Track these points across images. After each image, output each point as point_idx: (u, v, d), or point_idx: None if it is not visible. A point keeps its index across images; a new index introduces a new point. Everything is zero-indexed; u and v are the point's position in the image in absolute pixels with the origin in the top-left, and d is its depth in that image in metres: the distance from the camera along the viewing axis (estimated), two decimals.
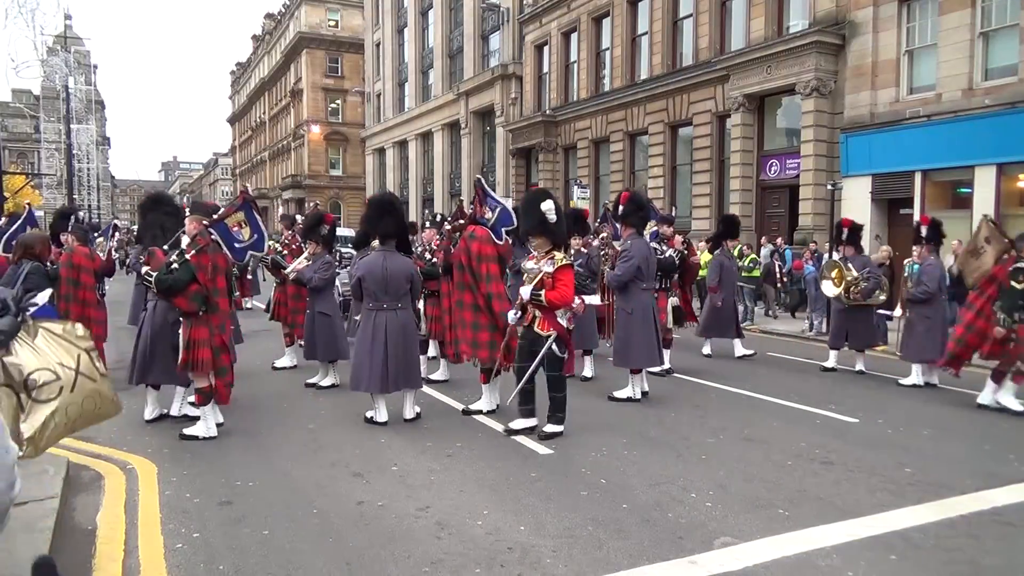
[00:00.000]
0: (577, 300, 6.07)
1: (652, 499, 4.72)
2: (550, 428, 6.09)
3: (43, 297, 3.91)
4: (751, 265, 14.93)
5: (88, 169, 57.63)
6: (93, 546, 3.98)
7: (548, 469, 5.33)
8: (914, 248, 8.82)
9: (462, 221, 7.35)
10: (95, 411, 3.29)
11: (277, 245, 10.44)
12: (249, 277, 13.77)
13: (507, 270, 7.19)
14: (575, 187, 24.71)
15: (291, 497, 4.73)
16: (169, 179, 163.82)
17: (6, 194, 18.79)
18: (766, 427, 6.61)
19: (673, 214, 10.55)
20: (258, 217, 6.36)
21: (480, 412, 6.91)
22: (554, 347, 5.95)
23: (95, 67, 68.17)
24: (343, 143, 55.72)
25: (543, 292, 5.85)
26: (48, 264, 6.59)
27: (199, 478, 5.07)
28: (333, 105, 55.60)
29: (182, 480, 5.03)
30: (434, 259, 8.46)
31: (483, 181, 7.14)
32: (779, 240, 17.28)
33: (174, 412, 6.71)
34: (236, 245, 6.12)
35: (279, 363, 9.36)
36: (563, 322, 5.99)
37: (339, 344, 8.11)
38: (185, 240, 6.10)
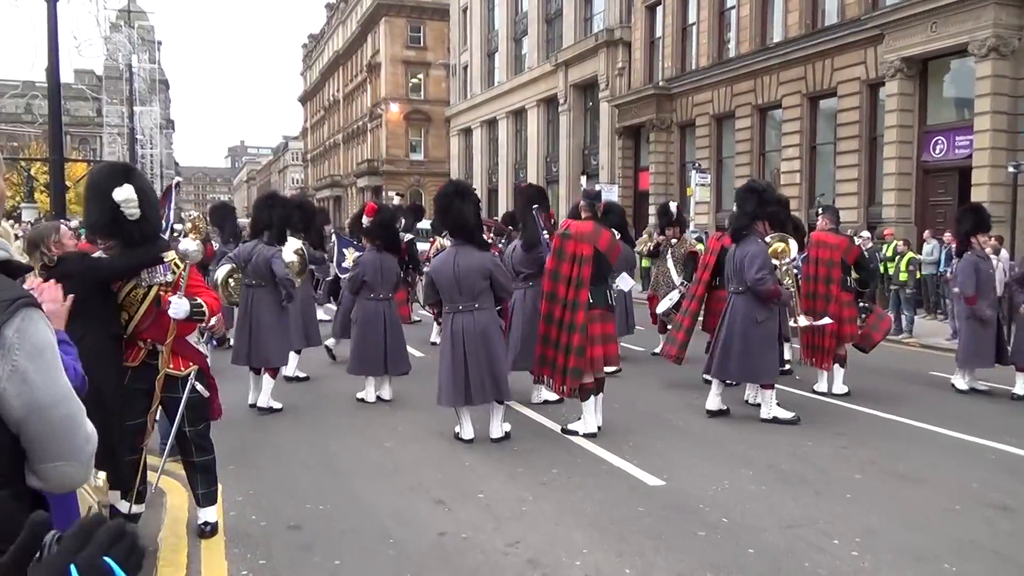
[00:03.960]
0: (215, 319, 4.67)
1: (784, 544, 4.61)
2: (209, 515, 4.71)
3: None
4: (911, 267, 14.30)
5: (151, 155, 61.16)
6: (155, 568, 4.23)
7: (659, 503, 5.29)
8: None
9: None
10: None
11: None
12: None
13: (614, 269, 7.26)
14: (693, 171, 24.33)
15: (365, 524, 4.87)
16: (236, 166, 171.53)
17: (68, 183, 20.18)
18: (926, 462, 6.34)
19: (833, 204, 10.16)
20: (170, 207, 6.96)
21: (576, 433, 6.93)
22: (199, 388, 4.54)
23: (159, 44, 72.35)
24: (425, 123, 56.86)
25: (201, 301, 4.37)
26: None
27: (266, 499, 5.29)
28: (414, 80, 56.81)
29: (248, 500, 5.27)
30: None
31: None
32: (947, 235, 16.44)
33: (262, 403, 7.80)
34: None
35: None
36: (203, 348, 4.63)
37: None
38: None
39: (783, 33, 22.56)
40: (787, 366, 9.63)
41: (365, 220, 8.70)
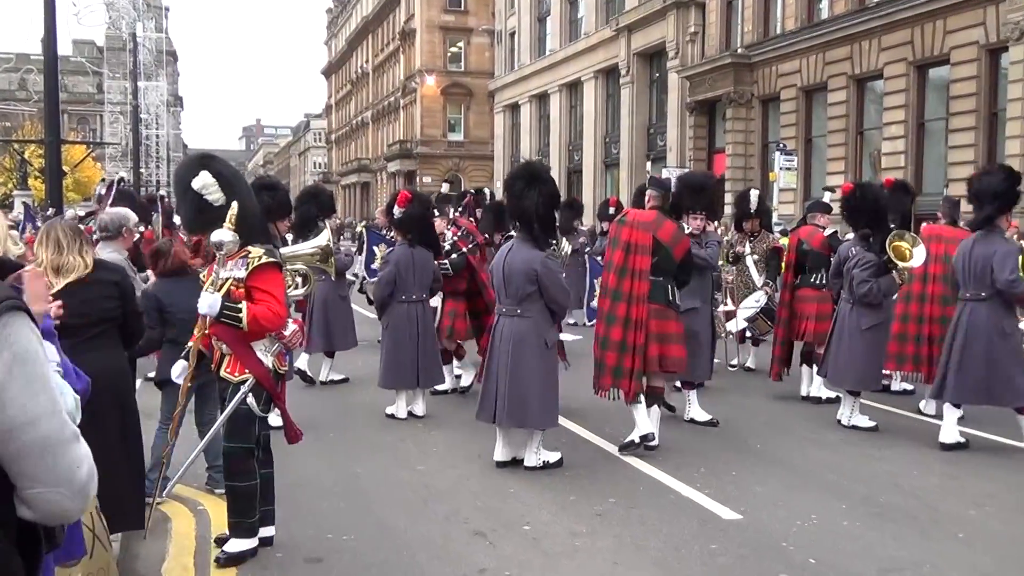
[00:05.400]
0: (292, 324, 4.96)
1: None
2: (235, 546, 4.81)
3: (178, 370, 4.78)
4: None
5: (157, 136, 62.50)
6: None
7: (735, 540, 5.25)
8: None
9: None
10: None
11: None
12: None
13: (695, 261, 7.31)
14: (777, 153, 24.11)
15: (395, 557, 4.91)
16: (251, 147, 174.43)
17: (65, 167, 20.67)
18: None
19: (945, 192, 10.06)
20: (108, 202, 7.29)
21: (633, 444, 6.91)
22: (249, 401, 4.72)
23: (167, 10, 73.88)
24: (465, 98, 57.15)
25: (243, 307, 4.55)
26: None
27: (283, 526, 5.35)
28: (454, 49, 57.14)
29: None
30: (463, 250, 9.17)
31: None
32: None
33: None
34: None
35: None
36: (267, 360, 4.78)
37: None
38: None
39: None
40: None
41: (397, 210, 8.77)
